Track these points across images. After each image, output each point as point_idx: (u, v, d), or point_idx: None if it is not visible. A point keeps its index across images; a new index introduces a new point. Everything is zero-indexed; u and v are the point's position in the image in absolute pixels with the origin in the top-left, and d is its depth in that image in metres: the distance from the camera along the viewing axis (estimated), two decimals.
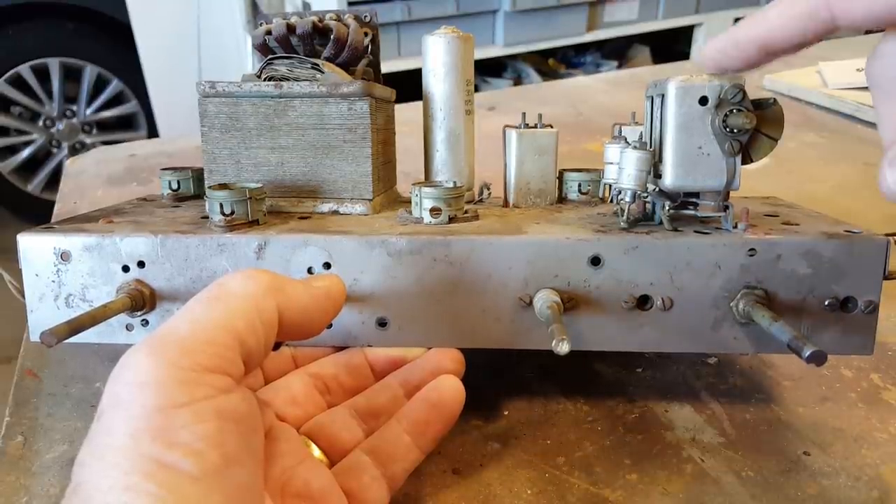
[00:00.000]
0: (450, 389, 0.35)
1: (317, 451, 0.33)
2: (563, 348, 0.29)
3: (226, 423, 0.23)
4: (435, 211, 0.37)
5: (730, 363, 0.44)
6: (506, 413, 0.41)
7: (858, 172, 0.75)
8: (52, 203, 0.78)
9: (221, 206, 0.37)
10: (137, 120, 2.65)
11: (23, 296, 0.40)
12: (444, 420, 0.34)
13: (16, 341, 0.49)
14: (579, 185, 0.44)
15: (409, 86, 0.42)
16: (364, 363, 0.37)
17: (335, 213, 0.42)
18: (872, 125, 0.88)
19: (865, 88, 0.93)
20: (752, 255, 0.34)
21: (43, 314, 0.38)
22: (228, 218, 0.37)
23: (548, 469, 0.37)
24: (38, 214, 2.45)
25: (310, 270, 0.36)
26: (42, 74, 2.49)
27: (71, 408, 0.42)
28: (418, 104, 0.46)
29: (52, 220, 0.72)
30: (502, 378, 0.43)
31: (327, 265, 0.36)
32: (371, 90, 0.40)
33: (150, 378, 0.23)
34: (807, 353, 0.28)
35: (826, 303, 0.34)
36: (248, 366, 0.26)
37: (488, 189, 0.46)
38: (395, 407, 0.35)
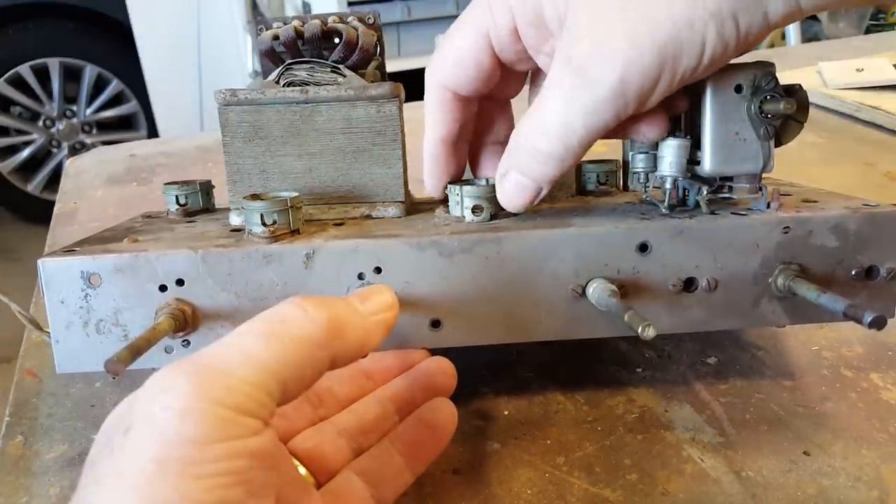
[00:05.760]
0: (444, 412, 0.35)
1: (303, 470, 0.32)
2: (650, 333, 0.29)
3: (252, 461, 0.23)
4: (477, 209, 0.38)
5: (730, 363, 0.44)
6: (506, 413, 0.41)
7: (858, 172, 0.75)
8: (52, 203, 0.78)
9: (262, 216, 0.35)
10: (137, 120, 2.65)
11: (32, 324, 0.39)
12: (437, 442, 0.34)
13: (16, 341, 0.49)
14: (598, 177, 0.45)
15: (409, 86, 0.42)
16: (359, 372, 0.37)
17: (367, 217, 0.41)
18: (872, 125, 0.88)
19: (865, 88, 0.94)
20: (786, 233, 0.36)
21: (71, 343, 0.35)
22: (272, 228, 0.36)
23: (548, 469, 0.37)
24: (38, 214, 2.46)
25: (360, 276, 0.35)
26: (42, 74, 2.49)
27: (71, 408, 0.42)
28: (418, 104, 0.45)
29: (52, 220, 0.73)
30: (502, 378, 0.44)
31: (378, 270, 0.35)
32: (398, 91, 0.40)
33: (193, 409, 0.22)
34: (868, 318, 0.30)
35: (853, 272, 0.36)
36: (279, 405, 0.26)
37: None
38: (385, 424, 0.35)
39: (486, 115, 0.41)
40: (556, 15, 0.32)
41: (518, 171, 0.35)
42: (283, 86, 0.41)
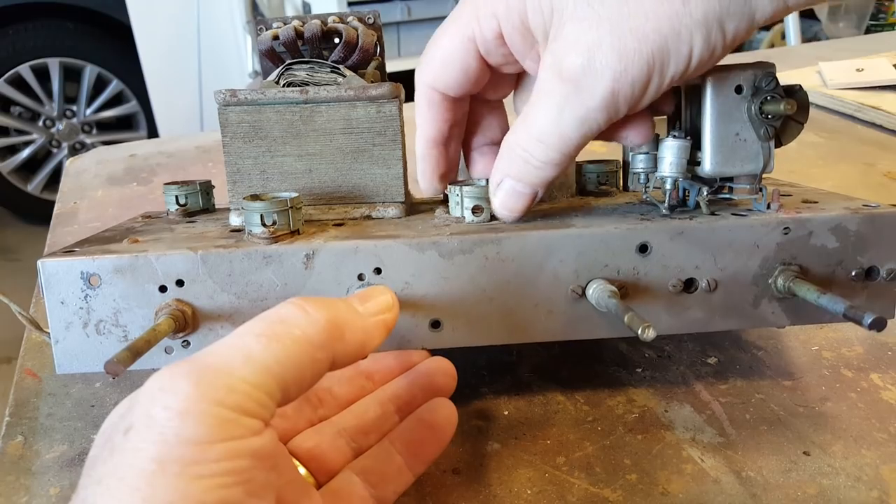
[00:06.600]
0: (444, 411, 0.35)
1: (303, 470, 0.32)
2: (650, 334, 0.29)
3: (252, 461, 0.23)
4: (477, 209, 0.38)
5: (730, 363, 0.44)
6: (506, 413, 0.41)
7: (858, 172, 0.75)
8: (52, 203, 0.78)
9: (262, 217, 0.35)
10: (137, 120, 2.65)
11: (32, 324, 0.39)
12: (437, 442, 0.34)
13: (16, 341, 0.49)
14: (598, 177, 0.45)
15: (409, 86, 0.42)
16: (359, 372, 0.37)
17: (367, 217, 0.41)
18: (872, 125, 0.88)
19: (865, 88, 0.94)
20: (786, 234, 0.36)
21: (71, 343, 0.35)
22: (272, 228, 0.35)
23: (548, 469, 0.37)
24: (38, 214, 2.46)
25: (360, 277, 0.35)
26: (42, 74, 2.49)
27: (71, 408, 0.42)
28: None
29: (52, 220, 0.73)
30: (502, 378, 0.44)
31: (378, 270, 0.35)
32: (398, 91, 0.40)
33: (192, 409, 0.22)
34: (868, 320, 0.30)
35: (853, 273, 0.36)
36: (279, 406, 0.26)
37: None
38: (384, 424, 0.35)
39: (478, 116, 0.41)
40: (542, 23, 0.32)
41: (514, 179, 0.35)
42: (283, 86, 0.41)
